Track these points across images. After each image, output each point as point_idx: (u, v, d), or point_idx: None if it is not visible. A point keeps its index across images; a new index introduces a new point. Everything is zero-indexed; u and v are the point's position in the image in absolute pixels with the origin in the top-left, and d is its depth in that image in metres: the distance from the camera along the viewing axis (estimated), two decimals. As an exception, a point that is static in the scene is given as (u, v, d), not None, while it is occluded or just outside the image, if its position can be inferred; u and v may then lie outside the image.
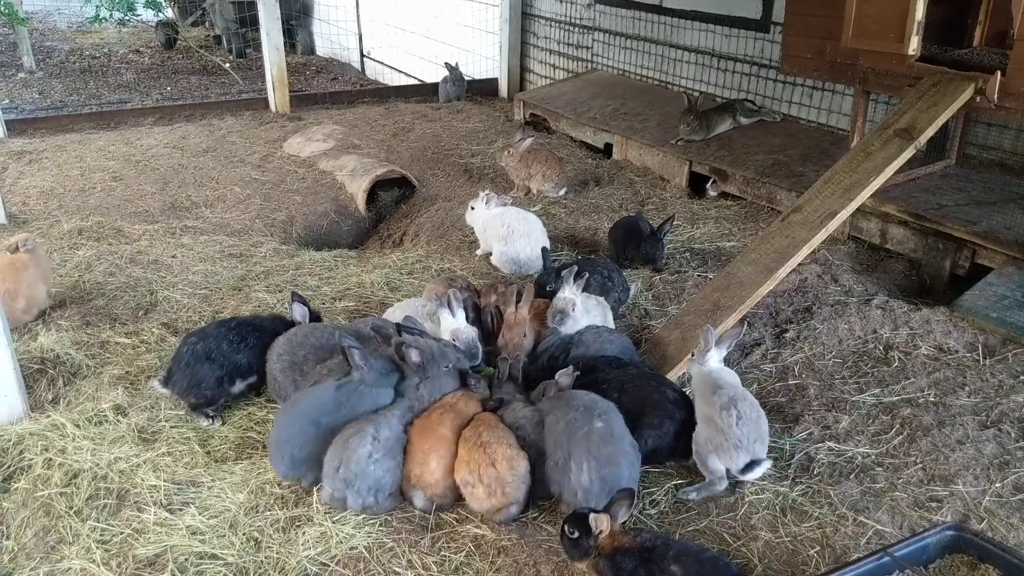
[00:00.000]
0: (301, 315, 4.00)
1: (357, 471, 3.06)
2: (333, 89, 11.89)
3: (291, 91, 9.57)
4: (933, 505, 3.12)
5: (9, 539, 3.14)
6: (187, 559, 2.92)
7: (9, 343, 3.65)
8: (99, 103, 11.00)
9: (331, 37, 14.64)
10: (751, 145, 6.79)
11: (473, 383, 3.55)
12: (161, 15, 14.88)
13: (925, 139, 4.82)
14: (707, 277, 5.03)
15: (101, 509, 3.18)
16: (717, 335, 3.53)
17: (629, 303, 4.81)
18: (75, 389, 3.97)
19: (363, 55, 14.03)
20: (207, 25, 16.15)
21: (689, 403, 3.51)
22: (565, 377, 3.39)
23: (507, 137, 7.80)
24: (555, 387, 3.38)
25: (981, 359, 4.01)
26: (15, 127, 8.52)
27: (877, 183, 4.69)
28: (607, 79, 9.13)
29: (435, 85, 10.40)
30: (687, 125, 6.92)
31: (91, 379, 4.04)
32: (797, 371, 4.07)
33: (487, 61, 10.78)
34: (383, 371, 3.43)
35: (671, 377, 3.92)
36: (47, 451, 3.47)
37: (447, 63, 10.21)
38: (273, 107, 9.40)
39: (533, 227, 5.27)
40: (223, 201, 6.65)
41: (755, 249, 4.59)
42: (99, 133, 8.54)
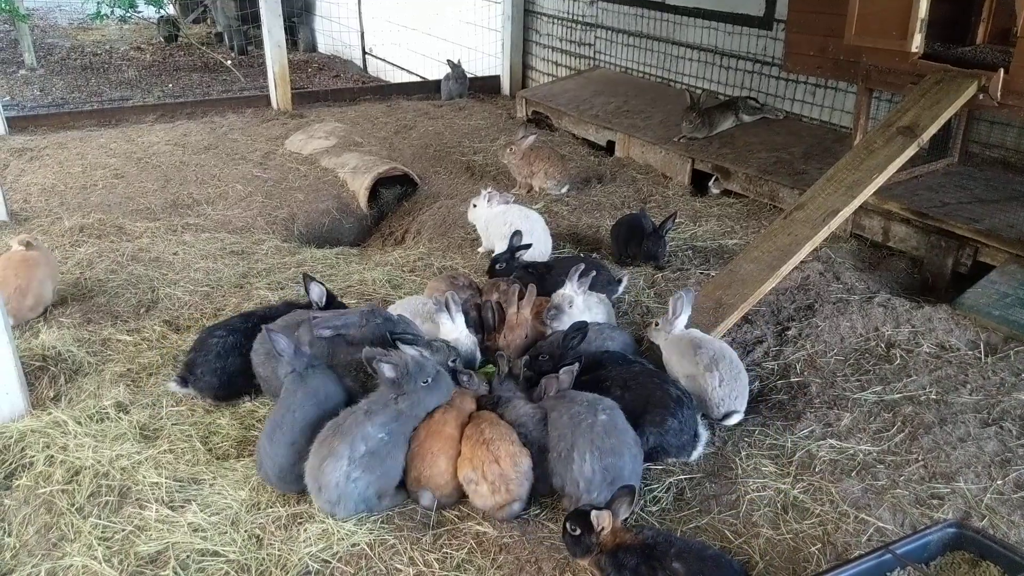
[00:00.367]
0: (318, 295, 3.93)
1: (338, 493, 3.03)
2: (335, 86, 11.88)
3: (293, 88, 9.56)
4: (934, 502, 3.12)
5: (11, 536, 3.15)
6: (189, 556, 2.93)
7: (11, 340, 3.65)
8: (100, 100, 11.01)
9: (333, 34, 14.64)
10: (753, 143, 6.78)
11: (466, 380, 3.53)
12: (163, 11, 14.88)
13: (928, 137, 4.81)
14: (709, 275, 5.02)
15: (103, 506, 3.18)
16: (686, 303, 3.84)
17: (619, 296, 4.77)
18: (76, 386, 3.97)
19: (365, 52, 14.02)
20: (209, 22, 16.16)
21: (691, 400, 3.52)
22: (566, 374, 3.39)
23: (509, 135, 7.79)
24: (556, 383, 3.38)
25: (983, 357, 4.01)
26: (16, 124, 8.52)
27: (880, 181, 4.68)
28: (610, 76, 9.12)
29: (437, 82, 10.39)
30: (689, 123, 6.92)
31: (92, 376, 4.04)
32: (799, 368, 4.06)
33: (489, 58, 10.77)
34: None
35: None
36: (49, 448, 3.47)
37: (449, 60, 10.21)
38: (275, 104, 9.39)
39: (535, 225, 5.26)
40: (224, 198, 6.65)
41: (757, 247, 4.59)
42: (100, 130, 8.54)
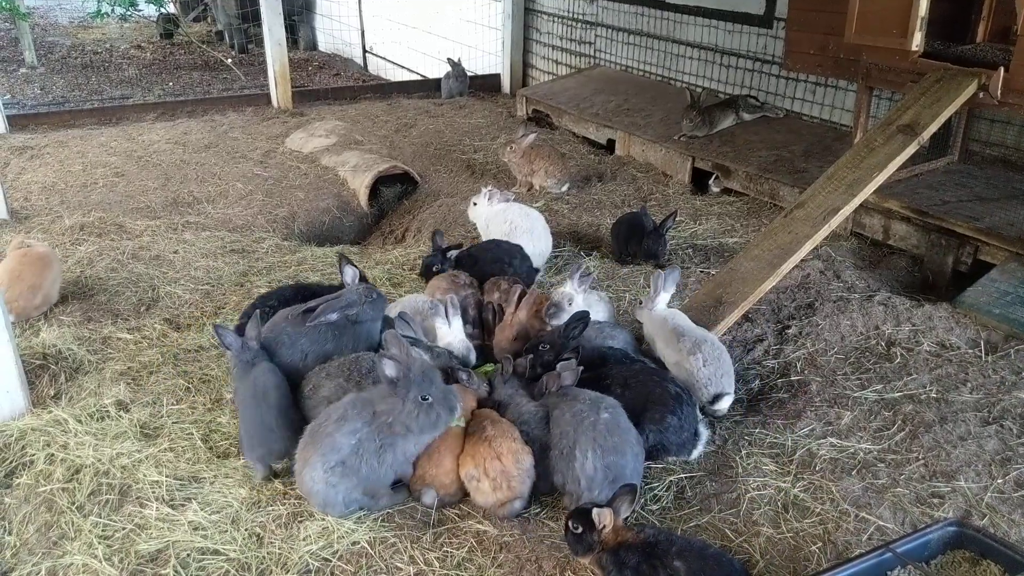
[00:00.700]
0: (351, 277, 3.94)
1: (322, 498, 3.05)
2: (335, 85, 11.87)
3: (293, 87, 9.55)
4: (935, 501, 3.12)
5: (11, 535, 3.15)
6: (189, 555, 2.93)
7: (11, 339, 3.65)
8: (101, 98, 11.00)
9: (333, 33, 14.63)
10: (754, 141, 6.78)
11: (465, 378, 3.54)
12: (163, 9, 14.87)
13: (928, 135, 4.80)
14: (710, 273, 5.02)
15: (103, 505, 3.18)
16: (668, 280, 4.01)
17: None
18: (77, 385, 3.97)
19: (365, 50, 14.02)
20: (209, 20, 16.15)
21: (691, 398, 3.52)
22: (568, 372, 3.39)
23: (510, 133, 7.79)
24: (557, 381, 3.38)
25: (983, 355, 4.00)
26: (17, 122, 8.51)
27: (880, 179, 4.68)
28: (610, 75, 9.12)
29: (437, 81, 10.38)
30: (690, 121, 6.91)
31: (93, 375, 4.05)
32: (799, 367, 4.06)
33: (490, 57, 10.76)
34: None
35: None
36: (49, 447, 3.47)
37: (450, 59, 10.20)
38: (275, 103, 9.39)
39: (536, 224, 5.25)
40: (225, 197, 6.65)
41: (758, 245, 4.58)
42: (101, 129, 8.54)
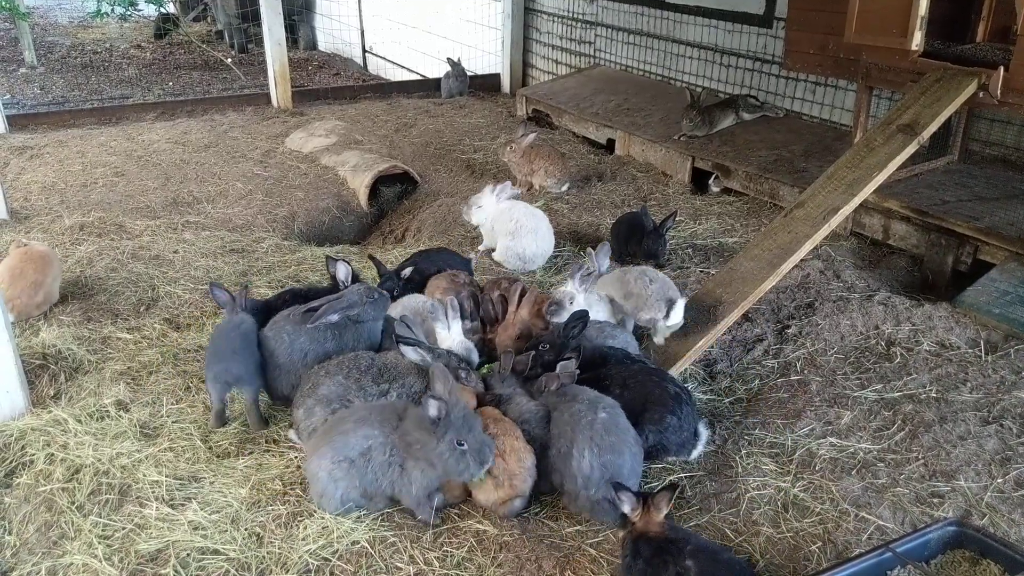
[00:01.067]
0: (344, 275, 3.94)
1: (321, 488, 3.08)
2: (335, 84, 11.87)
3: (293, 86, 9.55)
4: (935, 501, 3.12)
5: (11, 534, 3.14)
6: (189, 554, 2.93)
7: (11, 338, 3.65)
8: (100, 98, 10.99)
9: (333, 32, 14.63)
10: (754, 141, 6.78)
11: (464, 376, 3.54)
12: (163, 9, 14.87)
13: (928, 135, 4.80)
14: (709, 273, 5.02)
15: (103, 504, 3.18)
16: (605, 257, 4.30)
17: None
18: (77, 384, 3.97)
19: (365, 50, 14.01)
20: (209, 20, 16.15)
21: (691, 397, 3.52)
22: (567, 371, 3.39)
23: (509, 133, 7.80)
24: (557, 380, 3.38)
25: (983, 355, 4.00)
26: (16, 122, 8.51)
27: (880, 179, 4.67)
28: (610, 75, 9.12)
29: (437, 80, 10.38)
30: (690, 121, 6.91)
31: (93, 375, 4.04)
32: (799, 367, 4.06)
33: (489, 56, 10.76)
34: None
35: (674, 372, 3.92)
36: (49, 446, 3.47)
37: (449, 58, 10.20)
38: (275, 102, 9.39)
39: (540, 223, 5.26)
40: (225, 196, 6.65)
41: (757, 245, 4.58)
42: (100, 128, 8.54)
